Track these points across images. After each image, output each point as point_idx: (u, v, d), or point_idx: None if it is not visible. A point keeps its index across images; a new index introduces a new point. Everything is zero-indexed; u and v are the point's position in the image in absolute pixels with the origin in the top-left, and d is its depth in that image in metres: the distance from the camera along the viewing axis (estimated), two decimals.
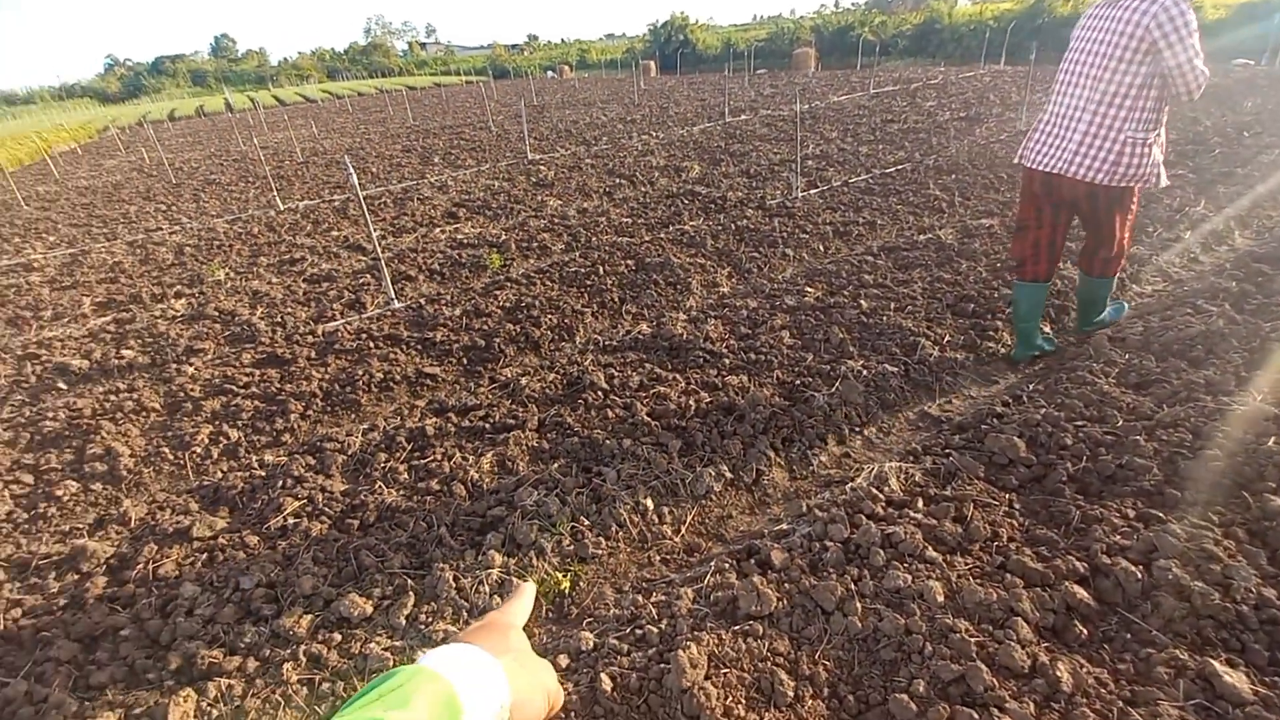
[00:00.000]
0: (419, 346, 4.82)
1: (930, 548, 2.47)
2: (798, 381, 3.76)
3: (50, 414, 4.21)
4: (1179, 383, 3.27)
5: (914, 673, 2.03)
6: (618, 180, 9.50)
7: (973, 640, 2.08)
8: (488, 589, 2.59)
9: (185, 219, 9.68)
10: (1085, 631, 2.13)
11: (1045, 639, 2.12)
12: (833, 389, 3.64)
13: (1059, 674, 1.94)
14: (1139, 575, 2.24)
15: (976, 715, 1.86)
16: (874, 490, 2.82)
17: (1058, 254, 3.64)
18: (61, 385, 4.71)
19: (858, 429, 3.46)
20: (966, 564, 2.41)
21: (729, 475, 3.14)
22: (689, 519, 2.96)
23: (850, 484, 2.94)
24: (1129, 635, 2.11)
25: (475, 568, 2.68)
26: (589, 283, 5.58)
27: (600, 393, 3.84)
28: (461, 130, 17.54)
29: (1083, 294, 3.89)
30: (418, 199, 9.53)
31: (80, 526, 3.23)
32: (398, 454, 3.51)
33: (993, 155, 8.43)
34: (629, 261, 5.96)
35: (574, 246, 6.71)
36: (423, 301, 5.59)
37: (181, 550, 2.94)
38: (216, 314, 5.71)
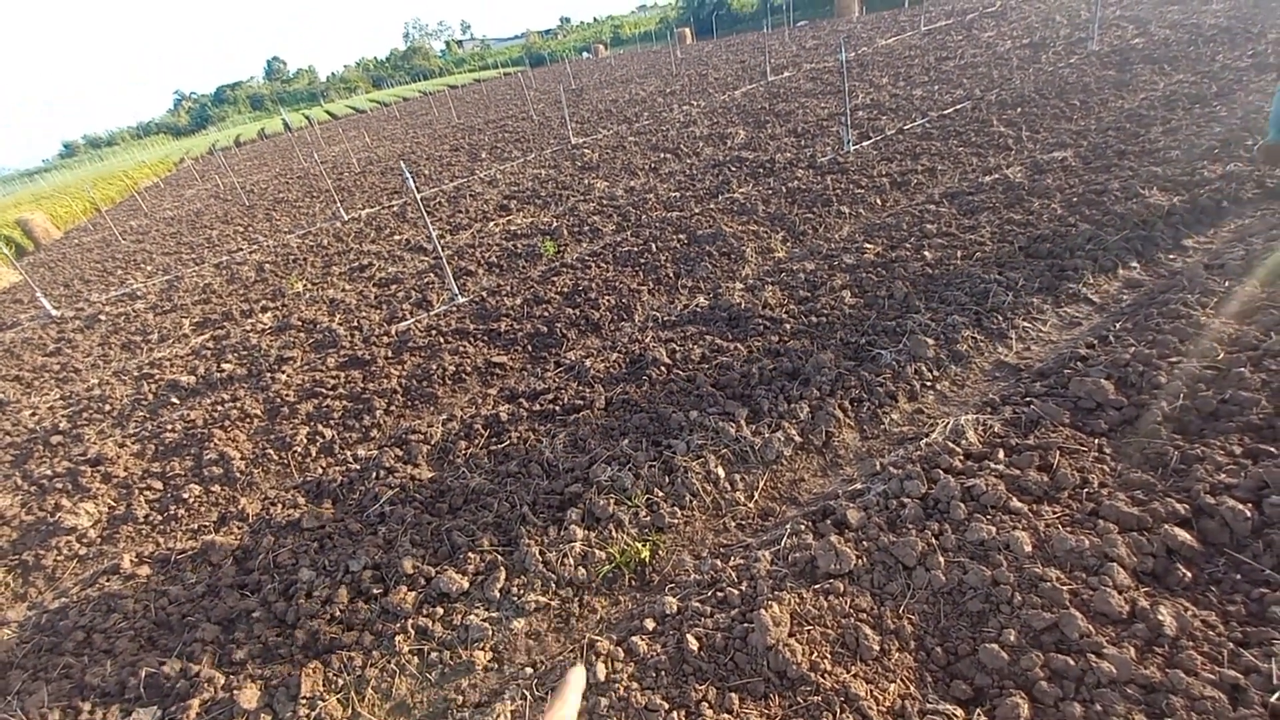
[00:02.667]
0: (485, 338, 5.00)
1: (1014, 498, 2.41)
2: (863, 341, 3.69)
3: (169, 426, 4.64)
4: None
5: (1003, 623, 2.00)
6: (662, 155, 9.44)
7: (1065, 588, 2.03)
8: (572, 561, 2.72)
9: (261, 238, 10.31)
10: (1189, 574, 2.03)
11: (1144, 584, 2.05)
12: (900, 345, 3.56)
13: (1161, 618, 1.87)
14: (1248, 514, 2.11)
15: (1072, 661, 1.83)
16: (950, 444, 2.76)
17: None
18: (175, 400, 5.18)
19: (929, 384, 3.37)
20: (1055, 512, 2.34)
21: (798, 439, 3.14)
22: (761, 484, 2.99)
23: (925, 439, 2.89)
24: (1239, 576, 2.00)
25: (559, 542, 2.81)
26: (643, 261, 5.61)
27: (663, 368, 3.90)
28: (504, 123, 17.78)
29: None
30: (469, 195, 9.78)
31: (207, 524, 3.58)
32: (476, 441, 3.69)
33: (1062, 82, 7.84)
34: (680, 236, 5.95)
35: (625, 226, 6.74)
36: (484, 294, 5.78)
37: (295, 540, 3.22)
38: (300, 324, 6.09)
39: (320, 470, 3.83)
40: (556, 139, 13.04)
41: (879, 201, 5.83)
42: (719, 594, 2.36)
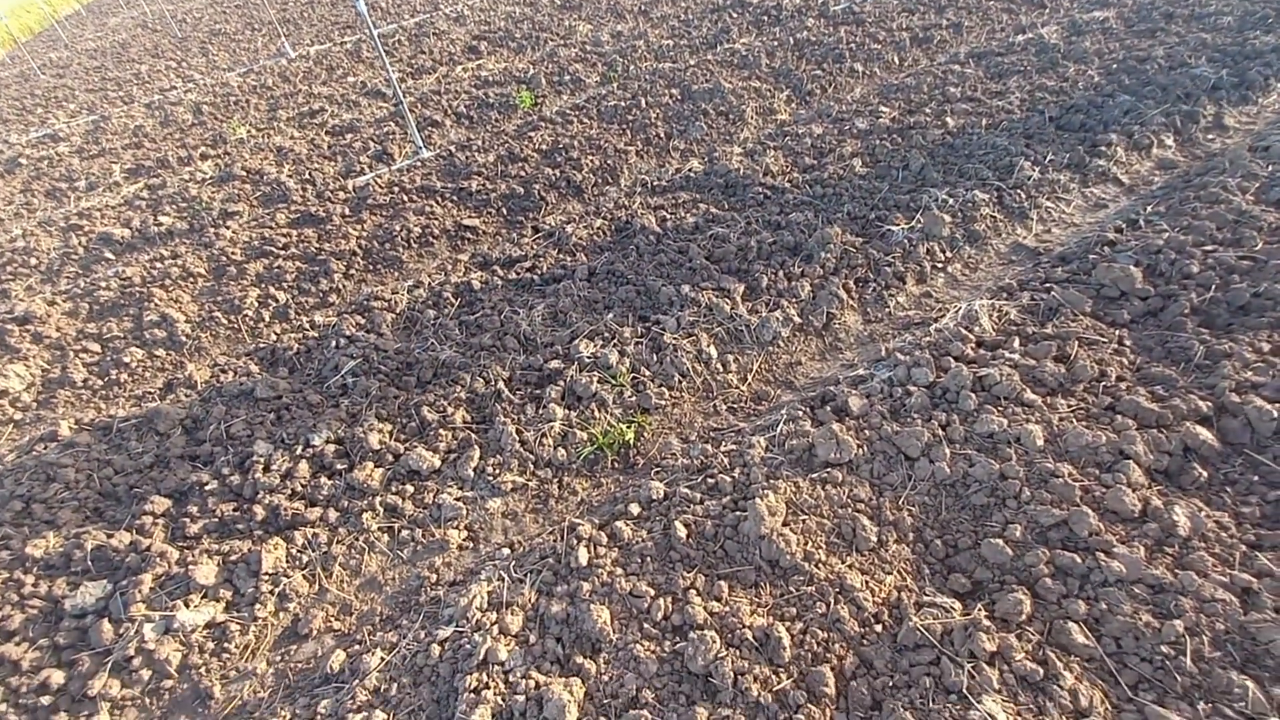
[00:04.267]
0: (455, 198, 4.53)
1: (1028, 389, 2.25)
2: (872, 215, 3.37)
3: (103, 284, 4.21)
4: None
5: (1009, 518, 1.91)
6: None
7: (1076, 484, 1.92)
8: (551, 441, 2.55)
9: (197, 75, 9.12)
10: (1205, 474, 1.94)
11: (1158, 482, 1.95)
12: (912, 222, 3.26)
13: (1175, 518, 1.78)
14: (1274, 414, 1.99)
15: (1079, 559, 1.75)
16: (963, 330, 2.56)
17: None
18: (109, 255, 4.68)
19: (940, 265, 3.12)
20: (1069, 406, 2.20)
21: (797, 319, 2.91)
22: (756, 366, 2.80)
23: (935, 325, 2.68)
24: (1255, 478, 1.91)
25: (537, 421, 2.62)
26: (631, 118, 5.04)
27: (653, 237, 3.56)
28: None
29: None
30: (433, 34, 8.66)
31: (151, 391, 3.30)
32: (446, 310, 3.38)
33: None
34: (673, 91, 5.32)
35: (610, 77, 6.02)
36: (453, 149, 5.20)
37: (249, 410, 2.98)
38: (245, 174, 5.46)
39: (274, 337, 3.52)
40: None
41: (897, 59, 5.24)
42: (709, 480, 2.22)
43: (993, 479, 2.00)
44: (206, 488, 2.61)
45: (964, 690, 1.54)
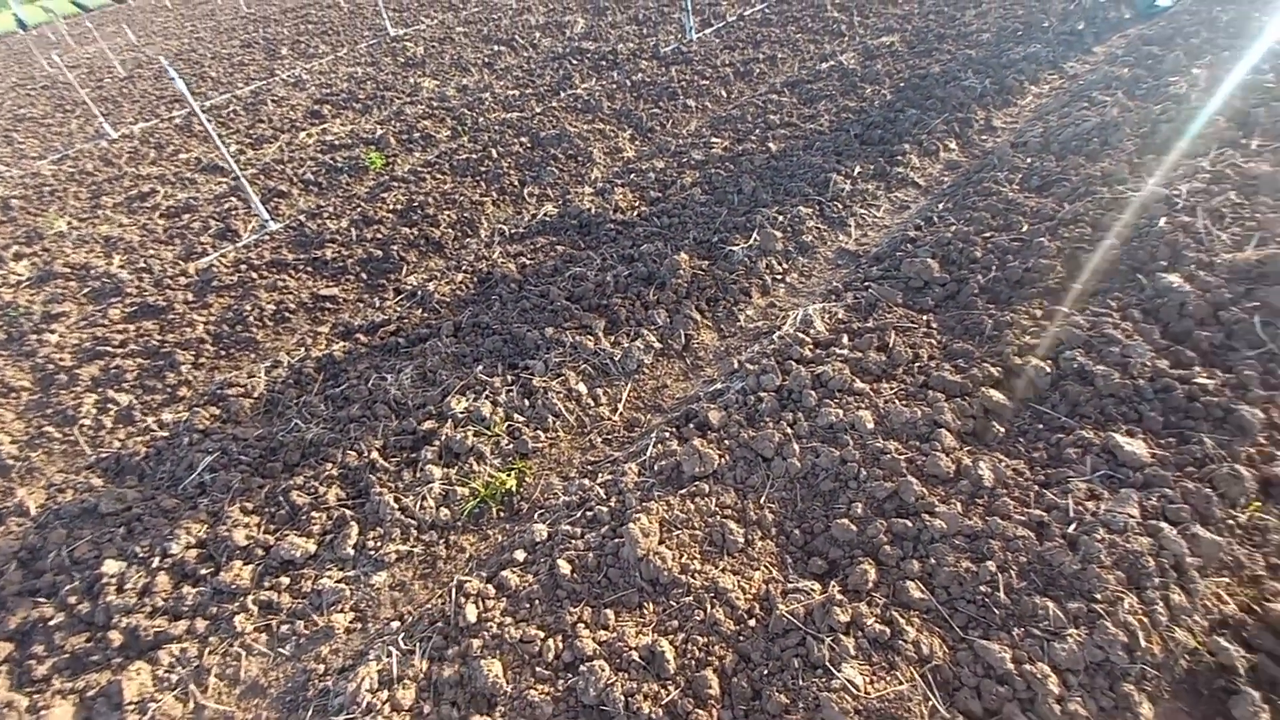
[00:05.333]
0: (310, 268, 4.40)
1: (858, 379, 2.53)
2: (715, 239, 3.65)
3: None
4: (1077, 179, 3.33)
5: (852, 497, 2.13)
6: (496, 48, 8.55)
7: (902, 458, 2.18)
8: (433, 502, 2.54)
9: (2, 166, 8.25)
10: (1002, 430, 2.26)
11: (967, 443, 2.25)
12: (750, 241, 3.56)
13: (981, 473, 2.07)
14: (1048, 369, 2.37)
15: (910, 524, 1.99)
16: (800, 334, 2.83)
17: None
18: None
19: (780, 277, 3.42)
20: (892, 388, 2.49)
21: (658, 345, 3.09)
22: (625, 395, 2.93)
23: (778, 333, 2.94)
24: (1041, 426, 2.26)
25: (416, 485, 2.60)
26: (484, 169, 5.13)
27: (514, 285, 3.64)
28: (307, 11, 15.23)
29: None
30: (272, 101, 8.36)
31: None
32: (309, 386, 3.28)
33: None
34: (523, 139, 5.48)
35: (460, 131, 6.10)
36: (303, 218, 5.04)
37: (95, 529, 2.73)
38: (68, 270, 5.00)
39: (118, 444, 3.24)
40: (372, 30, 11.39)
41: (724, 92, 5.70)
42: (588, 513, 2.31)
43: (835, 466, 2.22)
44: (52, 622, 2.36)
45: (826, 663, 1.70)
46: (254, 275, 4.41)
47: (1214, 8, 4.73)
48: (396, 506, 2.53)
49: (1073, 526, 1.86)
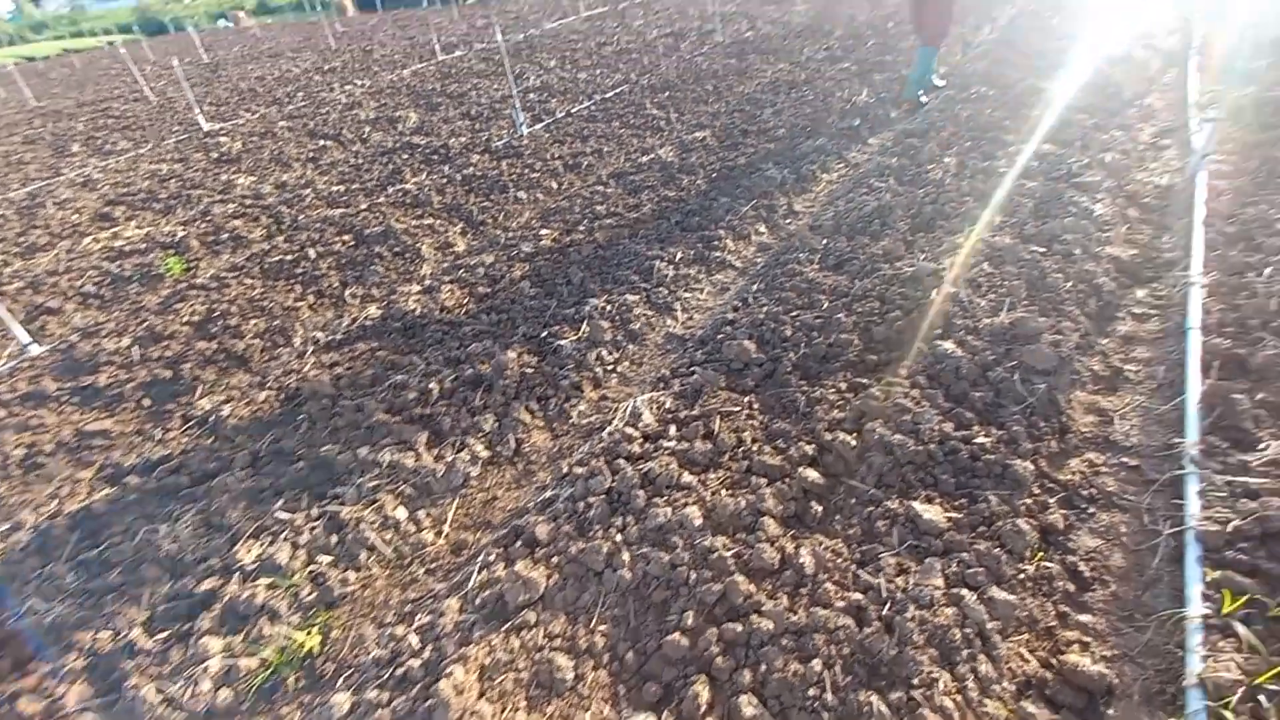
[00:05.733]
0: (77, 399, 3.74)
1: (685, 472, 2.50)
2: (544, 333, 3.58)
3: None
4: (864, 257, 3.69)
5: (683, 606, 2.03)
6: (322, 142, 8.25)
7: (729, 554, 2.14)
8: (209, 685, 2.10)
9: None
10: (820, 509, 2.31)
11: (790, 528, 2.27)
12: (580, 333, 3.53)
13: (803, 560, 2.07)
14: (853, 443, 2.48)
15: (740, 627, 1.92)
16: (628, 430, 2.78)
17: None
18: None
19: (611, 367, 3.40)
20: (718, 478, 2.48)
21: (486, 454, 2.90)
22: (451, 515, 2.69)
23: (607, 429, 2.88)
24: (853, 500, 2.34)
25: (186, 665, 2.15)
26: (299, 271, 4.76)
27: (326, 400, 3.30)
28: (108, 105, 13.93)
29: (922, 59, 6.03)
30: (54, 204, 7.37)
31: None
32: (57, 552, 2.68)
33: (698, 69, 8.80)
34: (346, 237, 5.20)
35: (276, 230, 5.69)
36: (75, 339, 4.34)
37: None
38: None
39: None
40: (183, 125, 10.60)
41: (554, 185, 5.83)
42: (399, 670, 2.01)
43: (666, 572, 2.13)
44: None
45: None
46: (2, 412, 3.66)
47: (956, 107, 5.65)
48: (158, 699, 2.05)
49: (887, 607, 1.89)
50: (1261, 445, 2.24)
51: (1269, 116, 4.66)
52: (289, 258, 4.96)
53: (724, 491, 2.40)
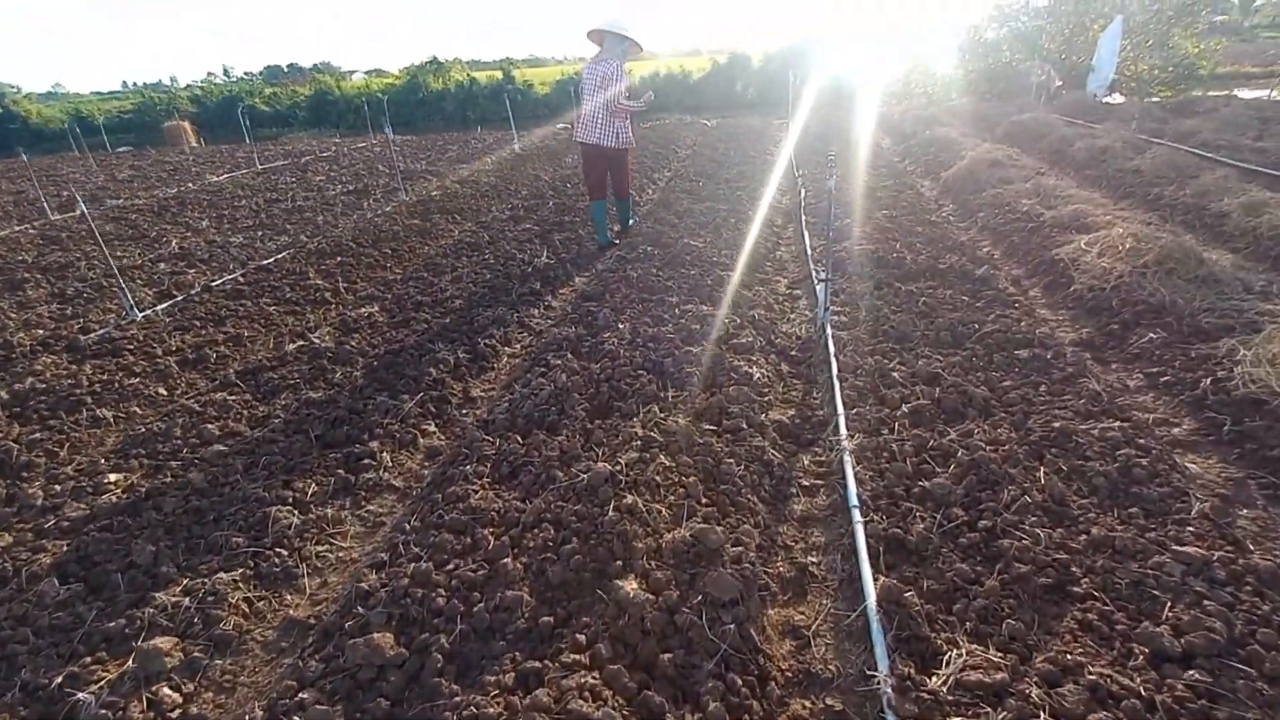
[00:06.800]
0: None
1: None
2: (62, 678, 2.26)
3: None
4: (540, 461, 3.17)
5: None
6: None
7: None
8: None
9: None
10: None
11: None
12: (123, 669, 2.29)
13: None
14: None
15: None
16: None
17: (606, 185, 6.72)
18: None
19: (173, 711, 2.22)
20: None
21: None
22: None
23: None
24: None
25: None
26: None
27: None
28: None
29: (620, 209, 7.14)
30: None
31: None
32: None
33: (378, 230, 8.17)
34: None
35: None
36: None
37: None
38: None
39: None
40: None
41: (161, 392, 4.44)
42: None
43: None
44: None
45: None
46: None
47: (626, 267, 5.82)
48: None
49: None
50: (942, 657, 2.07)
51: (862, 269, 5.59)
52: None
53: None
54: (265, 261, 7.23)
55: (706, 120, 19.06)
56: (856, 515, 2.68)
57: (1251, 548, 2.47)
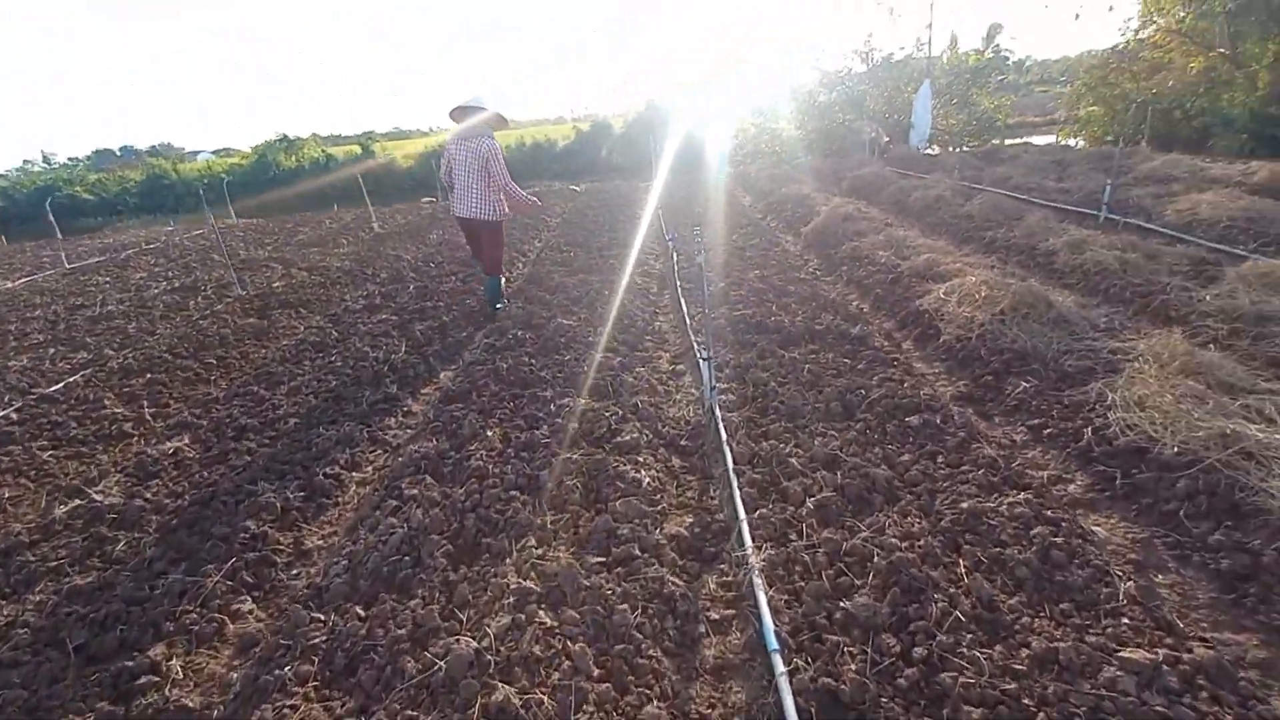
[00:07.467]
0: None
1: None
2: None
3: None
4: (387, 646, 2.47)
5: None
6: None
7: None
8: None
9: None
10: None
11: None
12: None
13: None
14: None
15: None
16: None
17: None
18: None
19: None
20: None
21: None
22: None
23: None
24: None
25: None
26: None
27: None
28: None
29: (488, 288, 6.83)
30: None
31: None
32: None
33: (203, 334, 7.04)
34: None
35: None
36: None
37: None
38: None
39: None
40: None
41: None
42: None
43: None
44: None
45: None
46: None
47: (496, 358, 5.26)
48: None
49: None
50: None
51: (742, 336, 5.41)
52: None
53: None
54: (52, 389, 5.91)
55: (575, 186, 19.15)
56: (779, 663, 2.24)
57: (1187, 630, 2.30)
